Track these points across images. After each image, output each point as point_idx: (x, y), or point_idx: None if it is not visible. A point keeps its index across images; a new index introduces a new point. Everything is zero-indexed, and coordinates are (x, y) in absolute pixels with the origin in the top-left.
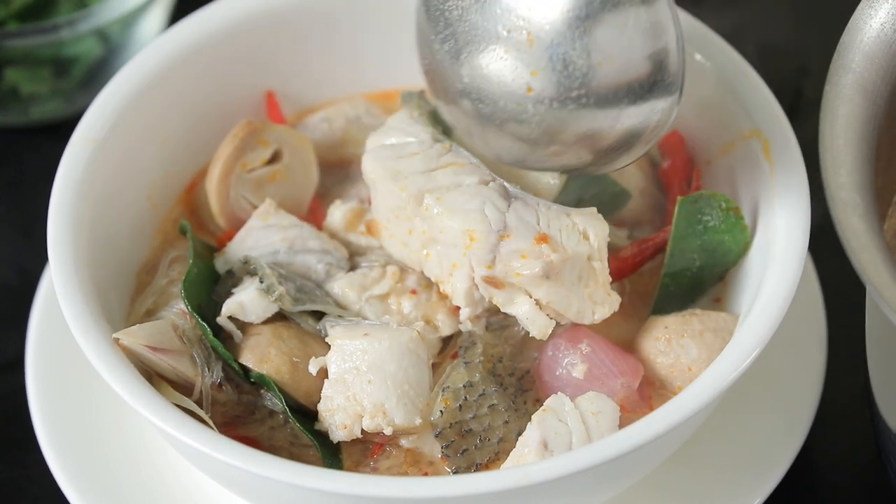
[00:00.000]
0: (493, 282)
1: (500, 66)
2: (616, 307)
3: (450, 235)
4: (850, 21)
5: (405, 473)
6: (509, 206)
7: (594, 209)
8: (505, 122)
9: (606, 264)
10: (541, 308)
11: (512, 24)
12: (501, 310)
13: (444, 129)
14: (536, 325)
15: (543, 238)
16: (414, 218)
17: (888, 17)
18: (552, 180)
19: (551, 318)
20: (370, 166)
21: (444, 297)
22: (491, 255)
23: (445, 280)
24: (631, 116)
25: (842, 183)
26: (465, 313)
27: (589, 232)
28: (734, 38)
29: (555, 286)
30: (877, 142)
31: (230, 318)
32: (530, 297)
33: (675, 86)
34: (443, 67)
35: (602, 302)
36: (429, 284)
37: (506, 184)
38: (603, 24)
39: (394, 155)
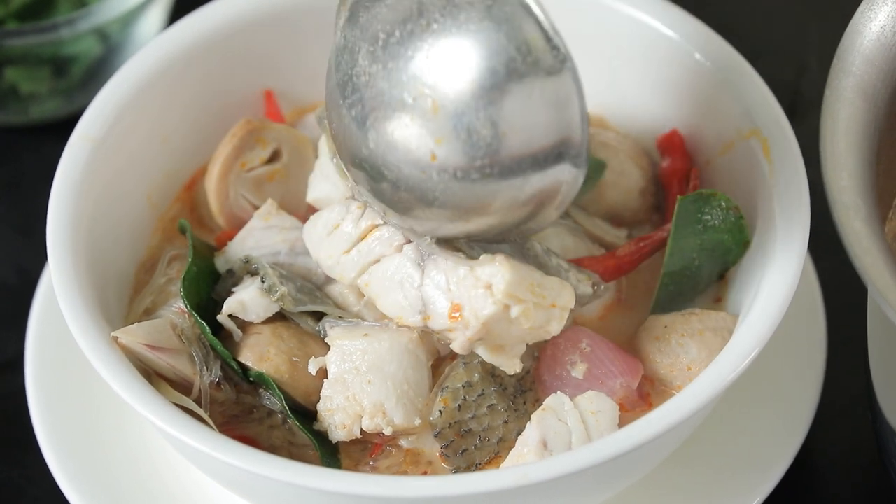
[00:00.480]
0: (448, 341)
1: (405, 134)
2: (570, 305)
3: (390, 315)
4: (849, 24)
5: (404, 473)
6: (423, 273)
7: (491, 256)
8: (408, 190)
9: (528, 295)
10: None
11: (417, 92)
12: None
13: None
14: (504, 366)
15: (456, 309)
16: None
17: (888, 19)
18: None
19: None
20: (312, 254)
21: None
22: (427, 330)
23: None
24: (535, 187)
25: (843, 186)
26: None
27: (492, 284)
28: (733, 37)
29: (494, 339)
30: (878, 145)
31: (230, 316)
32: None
33: (581, 158)
34: (350, 133)
35: (547, 321)
36: None
37: (419, 242)
38: (508, 94)
39: (323, 233)
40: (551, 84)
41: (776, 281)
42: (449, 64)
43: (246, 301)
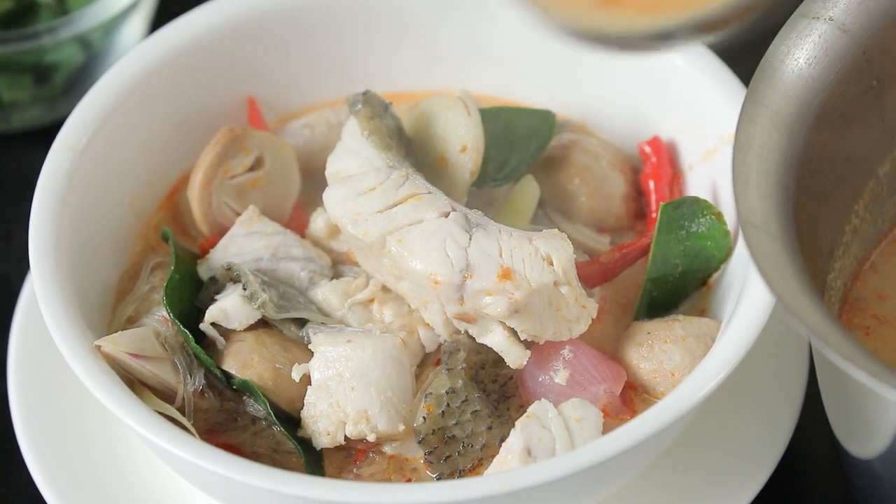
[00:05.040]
0: (464, 317)
1: None
2: (594, 315)
3: (416, 277)
4: (762, 59)
5: (388, 480)
6: (471, 238)
7: (556, 230)
8: None
9: (576, 283)
10: (517, 334)
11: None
12: (477, 340)
13: (395, 148)
14: (511, 356)
15: (507, 273)
16: (381, 258)
17: (803, 53)
18: (465, 176)
19: (529, 340)
20: (331, 210)
21: None
22: (458, 294)
23: (422, 310)
24: None
25: (754, 207)
26: (444, 335)
27: (552, 256)
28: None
29: (525, 317)
30: (798, 172)
31: (213, 324)
32: (504, 326)
33: None
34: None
35: (577, 318)
36: None
37: (467, 212)
38: None
39: (353, 192)
40: None
41: (759, 287)
42: None
43: (228, 309)
